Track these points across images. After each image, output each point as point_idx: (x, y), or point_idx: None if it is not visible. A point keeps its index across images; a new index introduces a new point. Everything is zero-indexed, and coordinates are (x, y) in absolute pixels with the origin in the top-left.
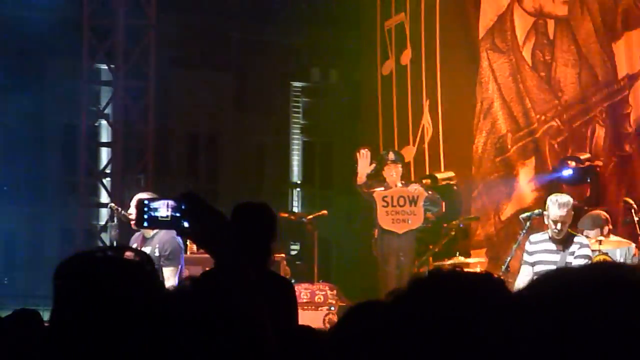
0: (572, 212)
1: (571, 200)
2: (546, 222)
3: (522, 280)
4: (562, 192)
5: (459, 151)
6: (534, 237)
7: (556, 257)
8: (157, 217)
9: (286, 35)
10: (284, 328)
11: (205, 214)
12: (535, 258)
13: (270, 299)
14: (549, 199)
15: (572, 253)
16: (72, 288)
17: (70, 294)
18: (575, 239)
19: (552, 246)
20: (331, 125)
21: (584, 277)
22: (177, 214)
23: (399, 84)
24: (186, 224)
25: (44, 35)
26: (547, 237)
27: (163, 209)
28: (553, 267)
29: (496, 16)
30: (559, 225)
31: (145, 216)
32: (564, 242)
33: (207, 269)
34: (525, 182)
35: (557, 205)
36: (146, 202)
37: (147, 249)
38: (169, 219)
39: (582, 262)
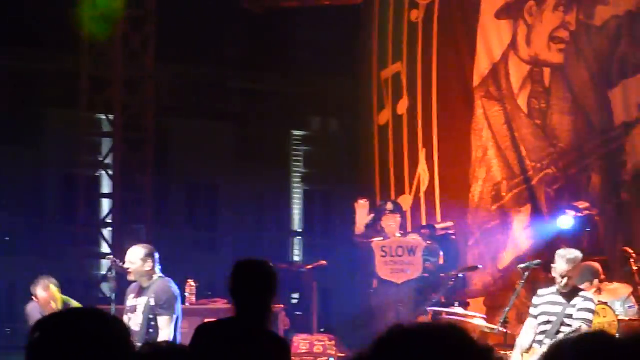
0: (580, 267)
1: (580, 255)
2: (553, 275)
3: (525, 332)
4: (560, 242)
5: (455, 199)
6: (541, 291)
7: (558, 309)
8: None
9: (286, 83)
10: None
11: None
12: (540, 310)
13: (263, 356)
14: (557, 253)
15: (574, 305)
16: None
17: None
18: (581, 293)
19: (558, 298)
20: (331, 174)
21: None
22: None
23: (395, 134)
24: None
25: (43, 86)
26: (555, 290)
27: None
28: (554, 318)
29: (491, 64)
30: (565, 280)
31: None
32: (569, 295)
33: (205, 320)
34: (521, 230)
35: (565, 260)
36: None
37: (143, 299)
38: None
39: (583, 315)
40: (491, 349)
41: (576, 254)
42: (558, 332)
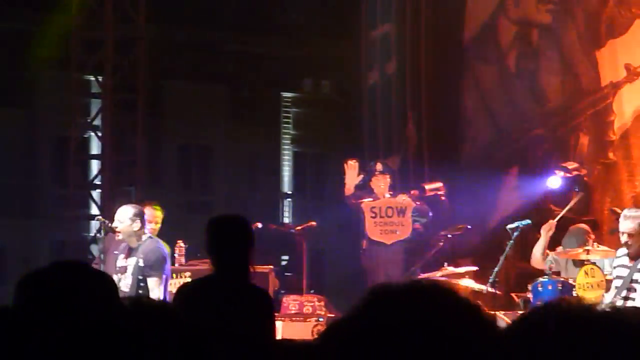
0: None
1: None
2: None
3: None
4: (549, 202)
5: (444, 160)
6: (619, 252)
7: (625, 272)
8: None
9: (278, 46)
10: (259, 339)
11: None
12: (615, 273)
13: (245, 311)
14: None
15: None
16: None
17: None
18: None
19: (627, 261)
20: (322, 136)
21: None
22: None
23: (384, 94)
24: None
25: (34, 48)
26: (626, 252)
27: None
28: (620, 282)
29: (480, 25)
30: (624, 237)
31: None
32: (636, 257)
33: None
34: (509, 190)
35: (623, 217)
36: None
37: (132, 259)
38: None
39: None
40: (479, 306)
41: (636, 212)
42: (626, 297)
